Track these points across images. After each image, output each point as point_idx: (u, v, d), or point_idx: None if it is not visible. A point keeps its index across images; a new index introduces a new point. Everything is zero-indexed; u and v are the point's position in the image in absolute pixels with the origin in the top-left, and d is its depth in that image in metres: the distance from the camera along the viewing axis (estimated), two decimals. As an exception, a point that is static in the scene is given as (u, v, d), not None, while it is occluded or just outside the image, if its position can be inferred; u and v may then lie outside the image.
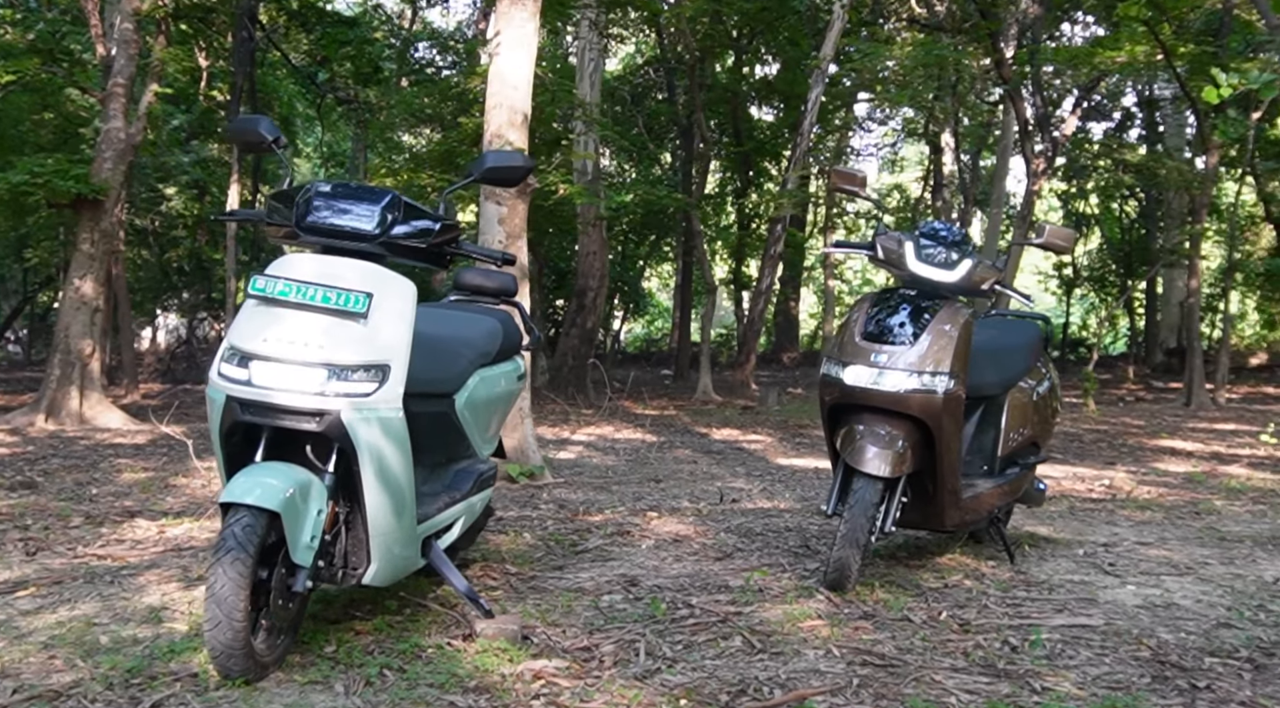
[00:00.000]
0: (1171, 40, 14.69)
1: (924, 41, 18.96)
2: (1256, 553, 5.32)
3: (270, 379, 3.34)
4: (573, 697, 3.23)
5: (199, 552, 5.15)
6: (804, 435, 11.84)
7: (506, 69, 8.46)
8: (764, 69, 24.50)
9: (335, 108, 23.57)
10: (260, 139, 3.88)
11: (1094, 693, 3.27)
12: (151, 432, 11.28)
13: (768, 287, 17.09)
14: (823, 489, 7.72)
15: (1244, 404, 16.48)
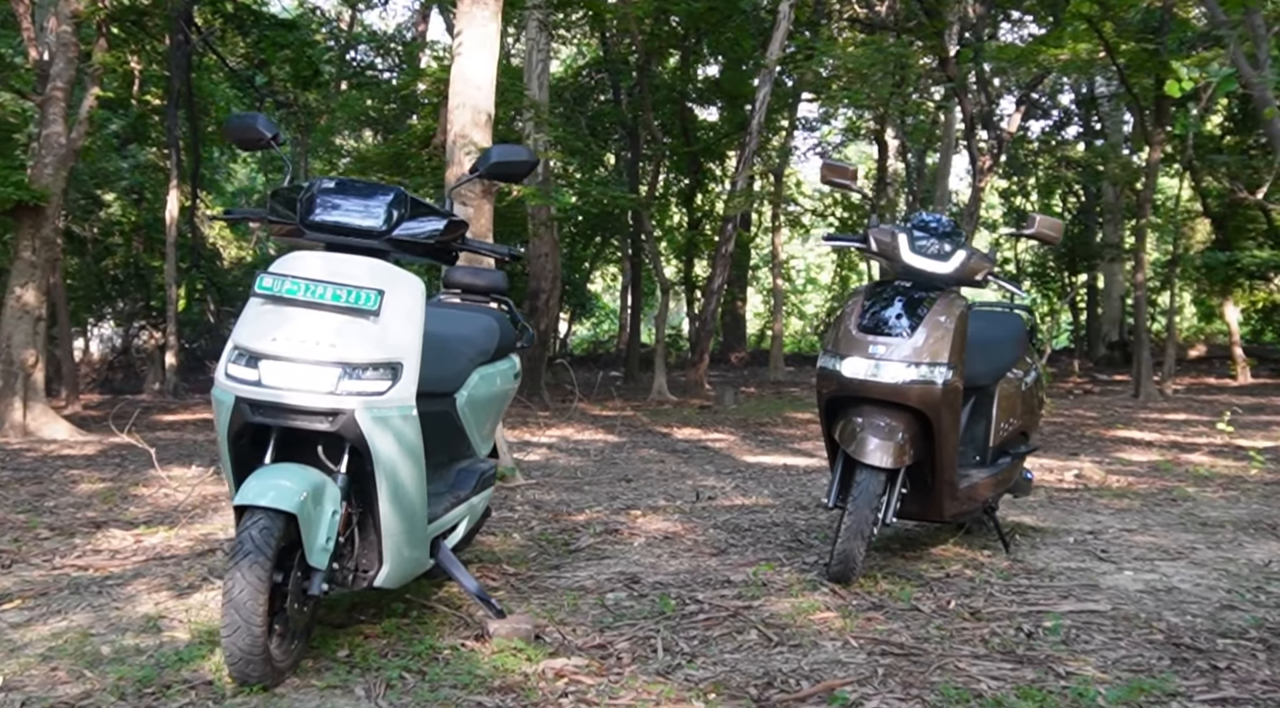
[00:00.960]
0: (1113, 38, 14.89)
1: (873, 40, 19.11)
2: (1240, 537, 5.39)
3: (281, 379, 3.26)
4: (599, 694, 3.19)
5: (182, 560, 5.03)
6: (766, 434, 11.85)
7: (469, 69, 8.38)
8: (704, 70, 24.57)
9: (274, 112, 23.30)
10: (258, 136, 3.81)
11: (1118, 676, 3.28)
12: (100, 442, 11.08)
13: (719, 286, 17.09)
14: (795, 486, 7.72)
15: (1190, 395, 16.75)
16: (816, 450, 10.15)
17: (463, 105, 8.37)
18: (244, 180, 32.28)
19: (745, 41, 21.53)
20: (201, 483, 7.56)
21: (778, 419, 13.54)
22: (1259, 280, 19.37)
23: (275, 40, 18.77)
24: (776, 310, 23.02)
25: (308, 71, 20.61)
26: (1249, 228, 21.57)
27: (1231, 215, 20.80)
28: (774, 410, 14.83)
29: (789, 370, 23.44)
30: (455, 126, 8.38)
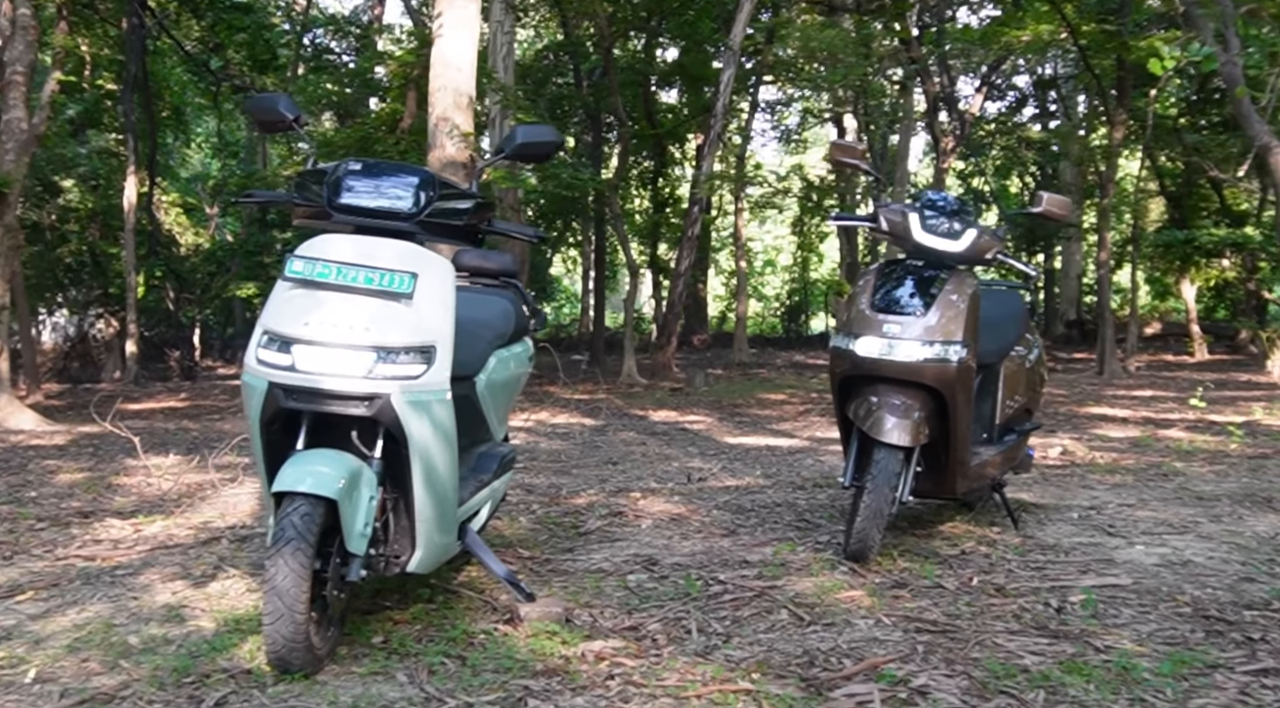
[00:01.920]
0: (1075, 19, 15.01)
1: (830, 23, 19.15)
2: (1239, 510, 5.47)
3: (316, 364, 3.22)
4: (645, 676, 3.18)
5: (188, 549, 4.98)
6: (743, 415, 11.88)
7: (450, 51, 8.34)
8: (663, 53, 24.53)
9: (231, 96, 22.99)
10: (280, 118, 3.75)
11: (1155, 649, 3.32)
12: (69, 431, 10.94)
13: (686, 269, 17.10)
14: (783, 466, 7.76)
15: (1152, 372, 16.97)
16: (796, 432, 10.21)
17: (444, 88, 8.32)
18: (197, 166, 31.89)
19: (705, 24, 21.51)
20: (183, 472, 7.48)
21: (751, 401, 13.58)
22: (1214, 258, 19.62)
23: (231, 23, 18.52)
24: (740, 292, 23.06)
25: (265, 55, 20.35)
26: (1202, 207, 21.87)
27: (1187, 194, 21.08)
28: (745, 392, 14.87)
29: (752, 352, 23.51)
30: (437, 109, 8.34)
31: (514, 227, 3.92)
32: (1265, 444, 7.94)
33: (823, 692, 3.04)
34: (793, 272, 34.32)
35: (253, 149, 27.01)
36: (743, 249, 24.07)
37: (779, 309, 35.06)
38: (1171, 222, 21.37)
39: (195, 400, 15.43)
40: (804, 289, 33.58)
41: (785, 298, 34.48)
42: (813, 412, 11.93)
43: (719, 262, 33.83)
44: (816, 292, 33.99)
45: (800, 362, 21.95)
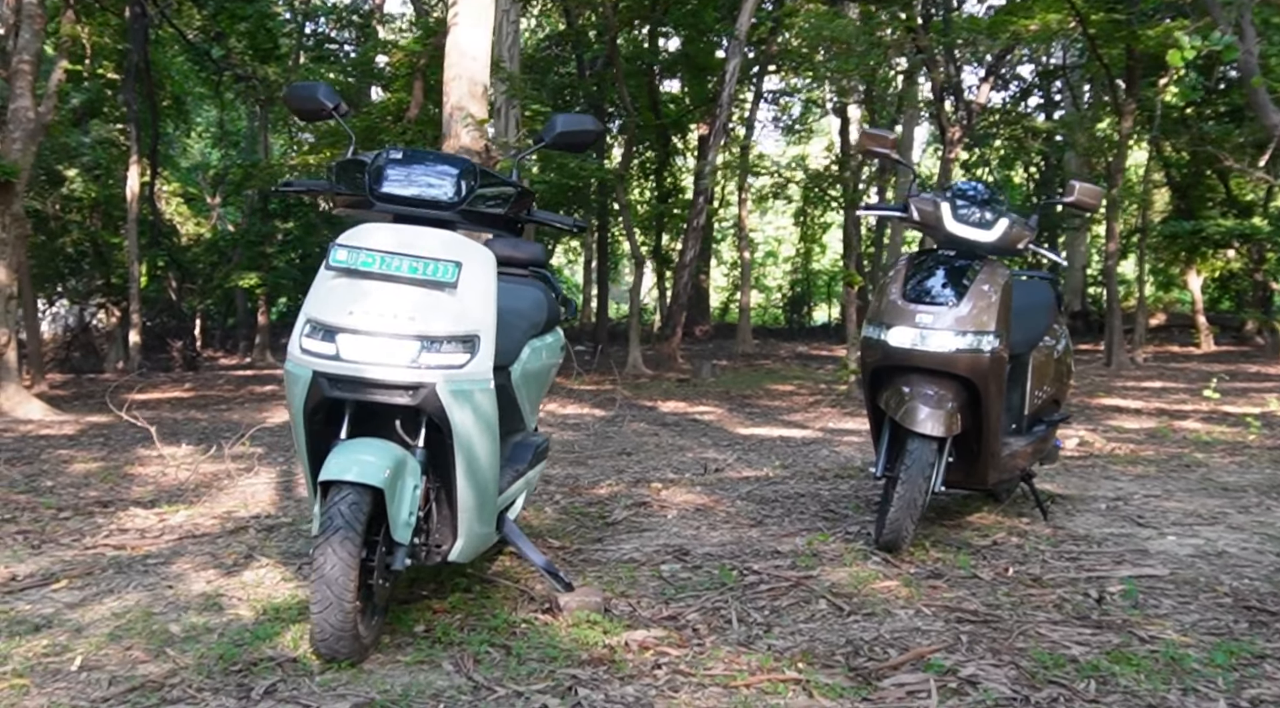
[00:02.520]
0: (1084, 7, 14.98)
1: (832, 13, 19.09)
2: (1266, 501, 5.46)
3: (361, 353, 3.21)
4: (691, 665, 3.17)
5: (215, 539, 4.97)
6: (752, 406, 11.87)
7: (465, 40, 8.31)
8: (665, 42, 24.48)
9: (232, 86, 22.94)
10: (320, 107, 3.73)
11: (1200, 639, 3.31)
12: (77, 421, 10.94)
13: (692, 259, 17.07)
14: (798, 457, 7.74)
15: (1160, 363, 16.97)
16: (808, 422, 10.20)
17: (459, 77, 8.29)
18: (197, 155, 31.83)
19: (708, 13, 21.46)
20: (197, 462, 7.47)
21: (760, 392, 13.57)
22: (1221, 249, 19.61)
23: (234, 13, 18.46)
24: (744, 283, 23.06)
25: (267, 44, 20.30)
26: (1208, 197, 21.85)
27: (1194, 185, 21.07)
28: (753, 383, 14.86)
29: (755, 343, 23.51)
30: (452, 98, 8.31)
31: (554, 216, 3.89)
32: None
33: (871, 681, 3.03)
34: (795, 263, 34.27)
35: (254, 138, 26.94)
36: (746, 240, 24.03)
37: (781, 300, 35.03)
38: (1178, 212, 21.34)
39: (201, 391, 15.41)
40: (807, 280, 33.57)
41: (788, 289, 34.45)
42: (822, 403, 11.91)
43: (720, 253, 33.81)
44: (819, 283, 34.00)
45: (804, 353, 21.95)
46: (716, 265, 34.21)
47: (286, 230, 23.83)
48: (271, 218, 23.01)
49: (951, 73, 17.37)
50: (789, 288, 34.42)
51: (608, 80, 20.20)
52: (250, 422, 10.59)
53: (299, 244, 23.92)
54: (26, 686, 3.06)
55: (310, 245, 23.84)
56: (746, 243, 23.91)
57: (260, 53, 20.50)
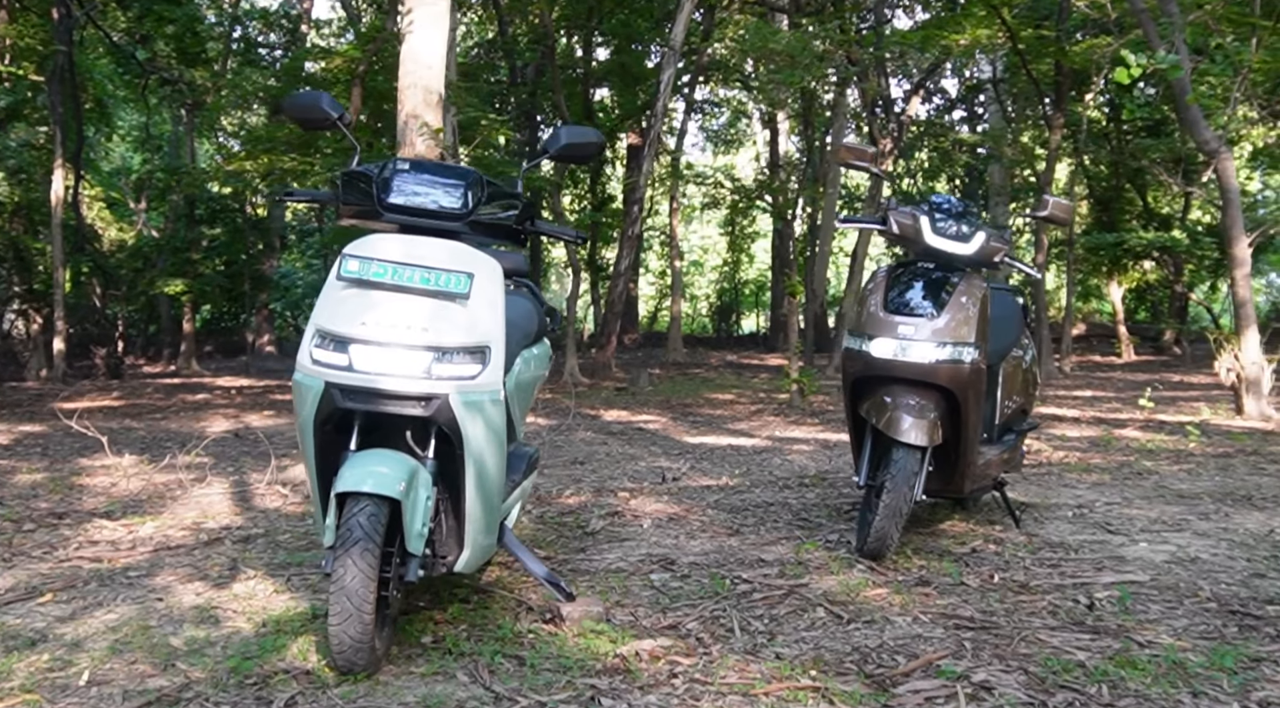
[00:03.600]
0: (1015, 23, 15.29)
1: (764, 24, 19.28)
2: (1223, 508, 5.62)
3: (374, 364, 3.21)
4: (706, 674, 3.21)
5: (192, 550, 4.91)
6: (695, 415, 11.93)
7: (420, 48, 8.29)
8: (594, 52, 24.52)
9: (158, 89, 22.54)
10: (323, 117, 3.71)
11: (1196, 644, 3.42)
12: (9, 431, 10.68)
13: (626, 268, 17.12)
14: (753, 466, 7.80)
15: (1086, 373, 17.35)
16: (754, 431, 10.28)
17: (414, 85, 8.27)
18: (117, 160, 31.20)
19: (638, 22, 21.54)
20: (146, 472, 7.37)
21: (700, 400, 13.64)
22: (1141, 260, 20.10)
23: (161, 15, 18.19)
24: (675, 292, 23.18)
25: (195, 48, 20.03)
26: (1127, 211, 22.37)
27: (1115, 198, 21.56)
28: (691, 392, 14.94)
29: (685, 352, 23.61)
30: (407, 106, 8.28)
31: (557, 227, 3.92)
32: (1223, 443, 8.17)
33: (888, 688, 3.09)
34: (722, 272, 34.49)
35: (179, 143, 26.50)
36: (678, 249, 24.16)
37: (708, 309, 35.22)
38: (1099, 225, 21.82)
39: (130, 399, 15.11)
40: (735, 290, 33.79)
41: (715, 298, 34.64)
42: (766, 411, 12.02)
43: (647, 261, 33.92)
44: (746, 292, 34.23)
45: (734, 361, 22.10)
46: (644, 274, 34.32)
47: (213, 237, 23.49)
48: (198, 224, 22.66)
49: (882, 85, 17.60)
50: (716, 297, 34.62)
51: (541, 88, 20.19)
52: (190, 431, 10.44)
53: (225, 250, 23.58)
54: (38, 701, 3.01)
55: (237, 252, 23.52)
56: (677, 252, 24.00)
57: (187, 56, 20.22)
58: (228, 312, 28.03)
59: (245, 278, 23.07)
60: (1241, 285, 9.97)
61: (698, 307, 36.47)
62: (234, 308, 27.37)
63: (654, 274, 34.55)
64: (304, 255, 28.64)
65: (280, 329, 28.68)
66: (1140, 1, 10.45)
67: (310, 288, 27.58)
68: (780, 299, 26.27)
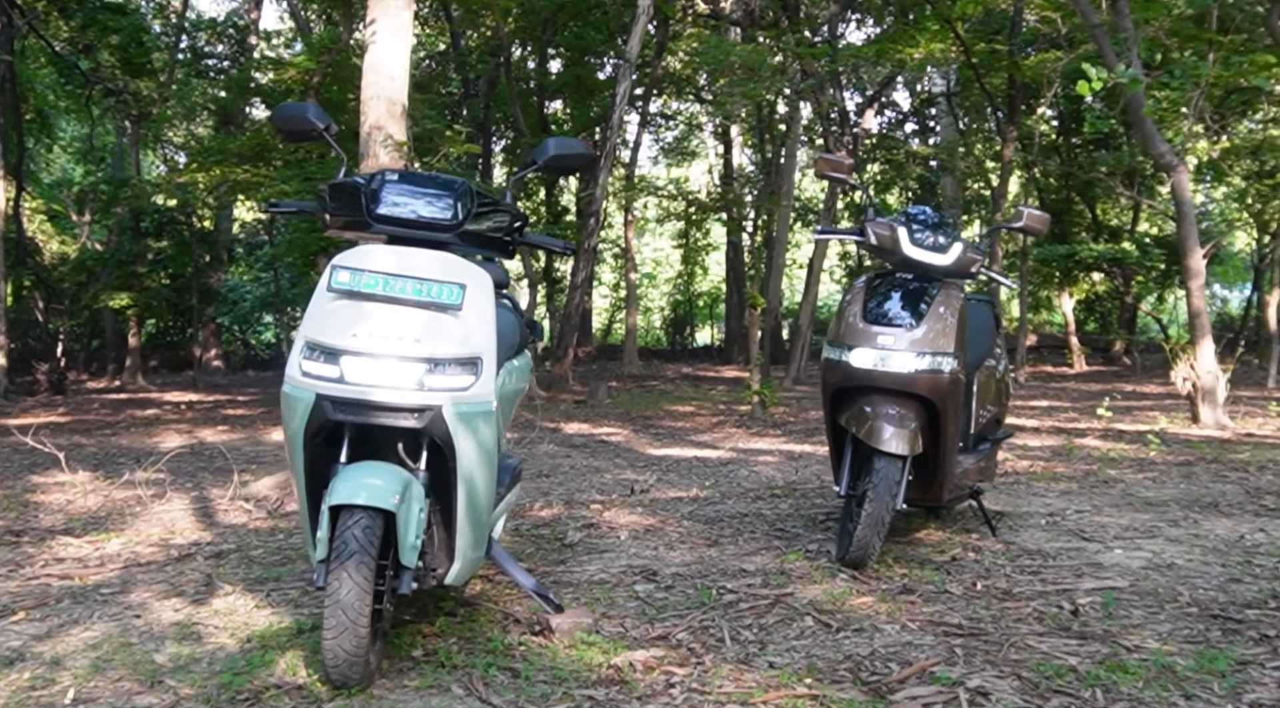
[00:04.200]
0: (969, 37, 15.47)
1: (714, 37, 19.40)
2: (1191, 515, 5.69)
3: (366, 376, 3.17)
4: (702, 683, 3.19)
5: (163, 566, 4.83)
6: (657, 427, 11.92)
7: (383, 59, 8.24)
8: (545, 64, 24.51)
9: (102, 100, 22.24)
10: (309, 128, 3.68)
11: (1181, 648, 3.44)
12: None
13: (584, 280, 17.10)
14: (719, 477, 7.80)
15: (1040, 383, 17.51)
16: (717, 443, 10.28)
17: (377, 97, 8.21)
18: (58, 172, 30.77)
19: (590, 34, 21.56)
20: (101, 488, 7.27)
21: (660, 412, 13.63)
22: (1092, 272, 20.35)
23: (106, 24, 17.95)
24: (630, 304, 23.20)
25: (141, 58, 19.77)
26: (1076, 223, 22.66)
27: (1065, 210, 21.82)
28: (650, 404, 14.93)
29: (640, 364, 23.60)
30: (370, 118, 8.22)
31: (546, 239, 3.91)
32: (1183, 452, 8.27)
33: (884, 695, 3.09)
34: (676, 284, 34.55)
35: (122, 155, 26.16)
36: (632, 261, 24.19)
37: (662, 322, 35.27)
38: (1051, 236, 22.07)
39: (77, 415, 14.87)
40: (689, 302, 33.87)
41: (669, 310, 34.70)
42: (727, 423, 12.03)
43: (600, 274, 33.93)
44: (700, 304, 34.32)
45: (690, 374, 22.12)
46: (597, 286, 34.32)
47: (159, 249, 23.20)
48: (144, 236, 22.37)
49: (837, 98, 17.76)
50: (671, 310, 34.69)
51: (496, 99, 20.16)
52: (143, 447, 10.30)
53: (172, 263, 23.30)
54: (23, 722, 2.94)
55: (183, 265, 23.24)
56: (632, 264, 24.03)
57: (132, 67, 19.94)
58: (173, 326, 27.72)
59: (192, 291, 22.80)
60: (1196, 296, 10.12)
61: (651, 319, 36.52)
62: (179, 322, 27.06)
63: (607, 286, 34.55)
64: (252, 269, 28.34)
65: (227, 344, 28.38)
66: (1094, 16, 10.59)
67: (258, 301, 27.34)
68: (735, 311, 26.36)
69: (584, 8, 18.92)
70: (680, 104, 27.05)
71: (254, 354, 28.94)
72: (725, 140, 24.13)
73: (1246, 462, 7.60)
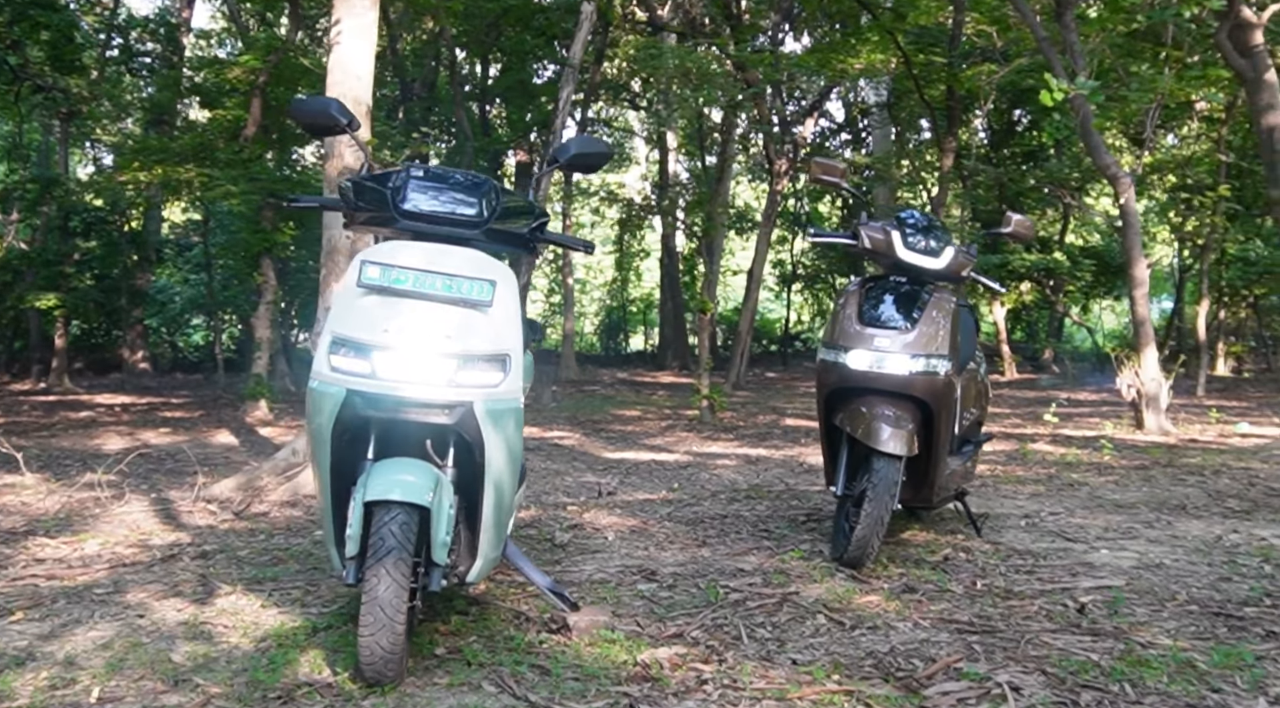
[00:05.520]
0: (910, 48, 15.68)
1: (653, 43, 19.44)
2: (1163, 517, 5.81)
3: (398, 372, 3.15)
4: (733, 679, 3.21)
5: (151, 566, 4.77)
6: (607, 431, 11.92)
7: (348, 58, 8.16)
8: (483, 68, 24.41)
9: (30, 97, 21.73)
10: (332, 123, 3.65)
11: (1194, 644, 3.53)
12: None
13: (525, 284, 17.03)
14: (683, 480, 7.83)
15: (975, 389, 17.73)
16: (670, 446, 10.31)
17: (343, 96, 8.10)
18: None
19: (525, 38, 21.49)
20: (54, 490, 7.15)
21: (608, 416, 13.63)
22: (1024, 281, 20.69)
23: (36, 20, 17.56)
24: (568, 309, 23.16)
25: (71, 55, 19.36)
26: (1006, 233, 22.97)
27: (996, 221, 22.13)
28: (595, 408, 14.92)
29: (577, 369, 23.56)
30: (335, 117, 8.12)
31: (566, 237, 3.91)
32: (1136, 457, 8.43)
33: (917, 691, 3.13)
34: (610, 289, 34.57)
35: (48, 152, 25.60)
36: (570, 266, 24.18)
37: (595, 328, 35.26)
38: (984, 246, 22.43)
39: (9, 417, 14.53)
40: (623, 307, 33.89)
41: (603, 316, 34.68)
42: (677, 427, 12.06)
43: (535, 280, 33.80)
44: (634, 310, 34.36)
45: (626, 379, 22.12)
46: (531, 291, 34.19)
47: (87, 249, 22.74)
48: (71, 236, 21.92)
49: (780, 106, 17.92)
50: (606, 315, 34.68)
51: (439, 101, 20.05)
52: (86, 449, 10.11)
53: (100, 264, 22.84)
54: (54, 722, 2.89)
55: (111, 266, 22.79)
56: (569, 269, 24.01)
57: (62, 63, 19.52)
58: (98, 327, 27.14)
59: (121, 292, 22.36)
60: (1140, 305, 10.34)
61: (583, 325, 36.47)
62: (105, 324, 26.51)
63: (540, 292, 34.47)
64: (181, 270, 27.82)
65: (154, 346, 27.83)
66: (1042, 30, 10.80)
67: (188, 303, 26.84)
68: (669, 318, 26.43)
69: (527, 13, 18.85)
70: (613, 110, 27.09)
71: (182, 357, 28.40)
72: (661, 147, 24.17)
73: (1200, 466, 7.78)
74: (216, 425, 12.36)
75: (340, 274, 7.81)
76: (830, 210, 28.24)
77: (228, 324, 25.72)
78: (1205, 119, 17.16)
